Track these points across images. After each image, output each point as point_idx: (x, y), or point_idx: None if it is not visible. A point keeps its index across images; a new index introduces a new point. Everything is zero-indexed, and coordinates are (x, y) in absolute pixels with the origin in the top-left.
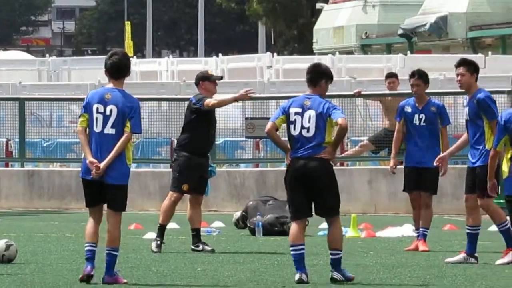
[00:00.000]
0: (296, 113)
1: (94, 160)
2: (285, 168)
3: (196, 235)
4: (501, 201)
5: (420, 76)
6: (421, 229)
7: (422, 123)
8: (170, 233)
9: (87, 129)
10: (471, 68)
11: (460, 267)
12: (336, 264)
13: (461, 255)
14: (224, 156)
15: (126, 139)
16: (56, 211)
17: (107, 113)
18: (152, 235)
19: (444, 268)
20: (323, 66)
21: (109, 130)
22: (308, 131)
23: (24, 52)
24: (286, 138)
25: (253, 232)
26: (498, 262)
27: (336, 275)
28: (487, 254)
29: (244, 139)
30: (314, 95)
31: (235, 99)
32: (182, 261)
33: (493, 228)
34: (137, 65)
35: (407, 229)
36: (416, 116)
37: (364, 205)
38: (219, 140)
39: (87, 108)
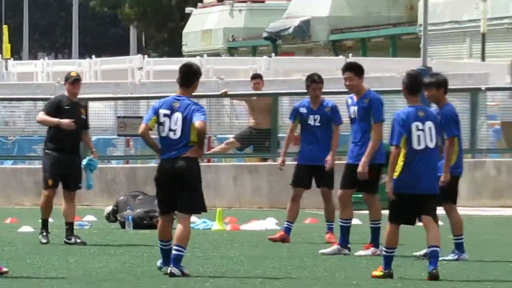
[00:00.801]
0: (165, 115)
1: None
2: (154, 165)
3: (69, 228)
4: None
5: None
6: (327, 224)
7: (317, 123)
8: None
9: None
10: (358, 71)
11: (321, 258)
12: (176, 259)
13: (335, 247)
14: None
15: None
16: None
17: None
18: (27, 228)
19: (305, 259)
20: (195, 66)
21: None
22: (175, 134)
23: None
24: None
25: (123, 225)
26: (358, 253)
27: (175, 270)
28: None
29: (115, 137)
30: (183, 96)
31: (59, 124)
32: (56, 253)
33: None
34: (15, 67)
35: (270, 223)
36: (312, 116)
37: (229, 200)
38: (92, 138)
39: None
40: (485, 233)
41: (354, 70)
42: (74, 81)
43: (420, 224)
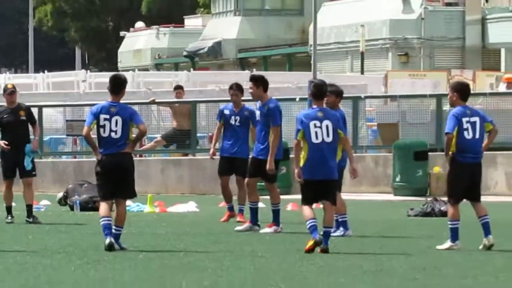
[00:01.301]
0: (105, 119)
1: None
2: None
3: (29, 210)
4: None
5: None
6: (238, 206)
7: (237, 123)
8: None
9: None
10: (258, 82)
11: (234, 235)
12: (117, 237)
13: (247, 224)
14: (49, 149)
15: None
16: None
17: None
18: None
19: (221, 235)
20: (122, 76)
21: None
22: (116, 134)
23: None
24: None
25: (72, 208)
26: (263, 230)
27: (123, 246)
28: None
29: (65, 136)
30: (117, 102)
31: None
32: (18, 230)
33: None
34: None
35: (191, 206)
36: (233, 117)
37: (157, 188)
38: (46, 137)
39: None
40: (365, 214)
41: (254, 81)
42: (10, 93)
43: None
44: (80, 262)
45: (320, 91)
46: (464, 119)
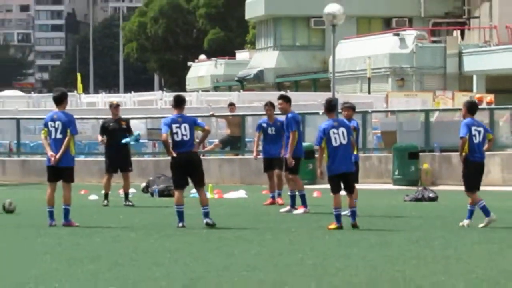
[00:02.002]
0: (176, 127)
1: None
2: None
3: (126, 196)
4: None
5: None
6: (277, 191)
7: (273, 132)
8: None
9: (47, 137)
10: (285, 100)
11: (274, 215)
12: (206, 214)
13: (288, 207)
14: (135, 150)
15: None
16: None
17: (56, 125)
18: (94, 196)
19: (263, 215)
20: (182, 95)
21: (59, 135)
22: (186, 137)
23: (19, 91)
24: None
25: (152, 195)
26: (295, 212)
27: (209, 221)
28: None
29: (147, 140)
30: (181, 114)
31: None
32: (112, 212)
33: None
34: (85, 99)
35: (241, 193)
36: (269, 128)
37: (216, 179)
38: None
39: (45, 123)
40: (372, 200)
41: (283, 99)
42: (115, 106)
43: None
44: (158, 236)
45: (330, 105)
46: (473, 128)
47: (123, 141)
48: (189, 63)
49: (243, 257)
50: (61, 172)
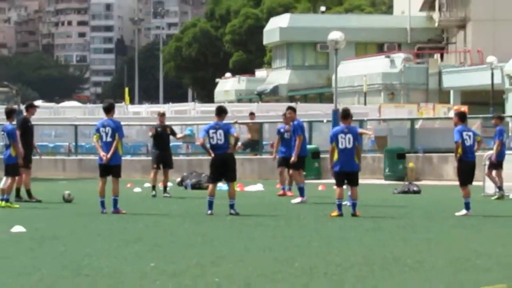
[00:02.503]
0: (213, 132)
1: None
2: (202, 158)
3: (165, 188)
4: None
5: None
6: (287, 186)
7: (287, 136)
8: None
9: (98, 140)
10: (293, 110)
11: (286, 204)
12: (232, 206)
13: (298, 199)
14: (173, 152)
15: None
16: None
17: (106, 131)
18: (138, 189)
19: (277, 204)
20: (224, 106)
21: (109, 138)
22: (220, 141)
23: (77, 102)
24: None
25: (186, 188)
26: (293, 201)
27: (233, 211)
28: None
29: (181, 143)
30: (220, 122)
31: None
32: (154, 201)
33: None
34: (131, 108)
35: (259, 186)
36: (286, 133)
37: (238, 175)
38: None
39: (97, 129)
40: (367, 192)
41: (292, 109)
42: (161, 115)
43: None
44: (190, 222)
45: (344, 114)
46: (464, 133)
47: (187, 130)
48: (217, 80)
49: (260, 239)
50: (111, 169)
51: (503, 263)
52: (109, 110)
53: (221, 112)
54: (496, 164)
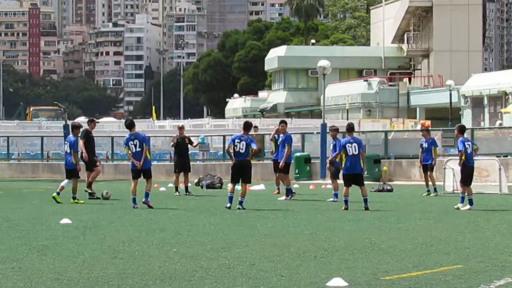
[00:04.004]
0: (238, 142)
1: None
2: (227, 163)
3: (186, 188)
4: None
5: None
6: (286, 187)
7: (280, 143)
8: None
9: (129, 150)
10: (285, 123)
11: (281, 201)
12: (240, 202)
13: (284, 197)
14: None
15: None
16: None
17: (135, 143)
18: (163, 188)
19: (276, 201)
20: (250, 121)
21: (138, 149)
22: (242, 149)
23: (113, 118)
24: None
25: (202, 187)
26: (280, 198)
27: (240, 207)
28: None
29: (198, 151)
30: (245, 134)
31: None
32: (176, 199)
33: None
34: (157, 123)
35: (262, 186)
36: (279, 139)
37: None
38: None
39: (126, 143)
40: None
41: (284, 123)
42: (181, 128)
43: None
44: (205, 214)
45: (349, 127)
46: (466, 143)
47: (200, 137)
48: (227, 99)
49: (262, 228)
50: (142, 172)
51: (460, 247)
52: (130, 126)
53: (247, 127)
54: None
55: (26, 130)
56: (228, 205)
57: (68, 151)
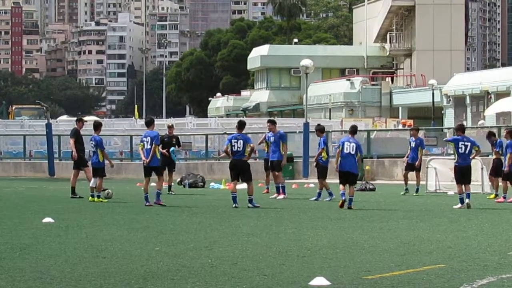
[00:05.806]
0: (235, 141)
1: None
2: (209, 162)
3: (170, 187)
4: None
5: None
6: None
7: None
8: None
9: (143, 148)
10: (273, 123)
11: (268, 199)
12: (250, 201)
13: (281, 196)
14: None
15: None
16: None
17: (147, 140)
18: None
19: (265, 199)
20: (244, 120)
21: (148, 146)
22: (240, 149)
23: (95, 117)
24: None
25: (184, 186)
26: (278, 197)
27: (250, 205)
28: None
29: (181, 150)
30: (240, 133)
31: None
32: (162, 198)
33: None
34: (139, 122)
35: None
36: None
37: (228, 176)
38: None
39: (141, 139)
40: (335, 190)
41: (272, 122)
42: (170, 127)
43: None
44: (188, 213)
45: (353, 129)
46: (460, 143)
47: (171, 149)
48: (209, 98)
49: (245, 227)
50: (152, 169)
51: (442, 247)
52: (149, 123)
53: (242, 125)
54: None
55: (8, 129)
56: (234, 205)
57: (94, 150)
